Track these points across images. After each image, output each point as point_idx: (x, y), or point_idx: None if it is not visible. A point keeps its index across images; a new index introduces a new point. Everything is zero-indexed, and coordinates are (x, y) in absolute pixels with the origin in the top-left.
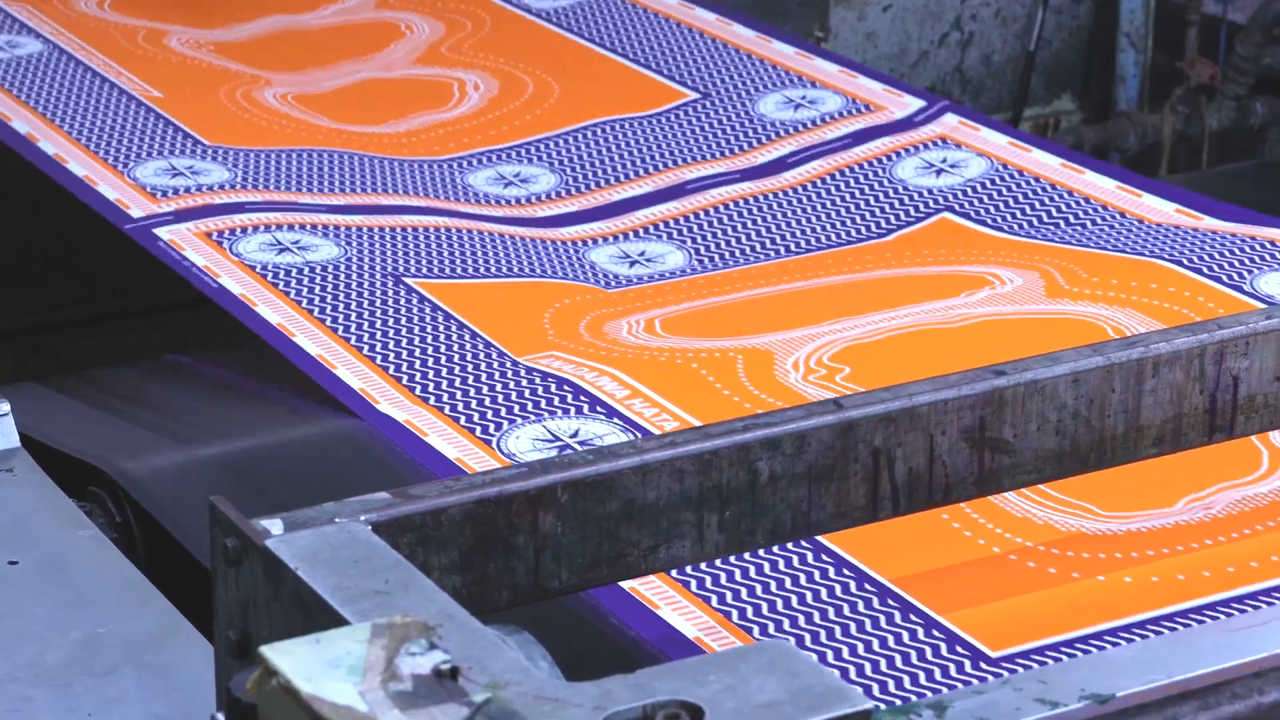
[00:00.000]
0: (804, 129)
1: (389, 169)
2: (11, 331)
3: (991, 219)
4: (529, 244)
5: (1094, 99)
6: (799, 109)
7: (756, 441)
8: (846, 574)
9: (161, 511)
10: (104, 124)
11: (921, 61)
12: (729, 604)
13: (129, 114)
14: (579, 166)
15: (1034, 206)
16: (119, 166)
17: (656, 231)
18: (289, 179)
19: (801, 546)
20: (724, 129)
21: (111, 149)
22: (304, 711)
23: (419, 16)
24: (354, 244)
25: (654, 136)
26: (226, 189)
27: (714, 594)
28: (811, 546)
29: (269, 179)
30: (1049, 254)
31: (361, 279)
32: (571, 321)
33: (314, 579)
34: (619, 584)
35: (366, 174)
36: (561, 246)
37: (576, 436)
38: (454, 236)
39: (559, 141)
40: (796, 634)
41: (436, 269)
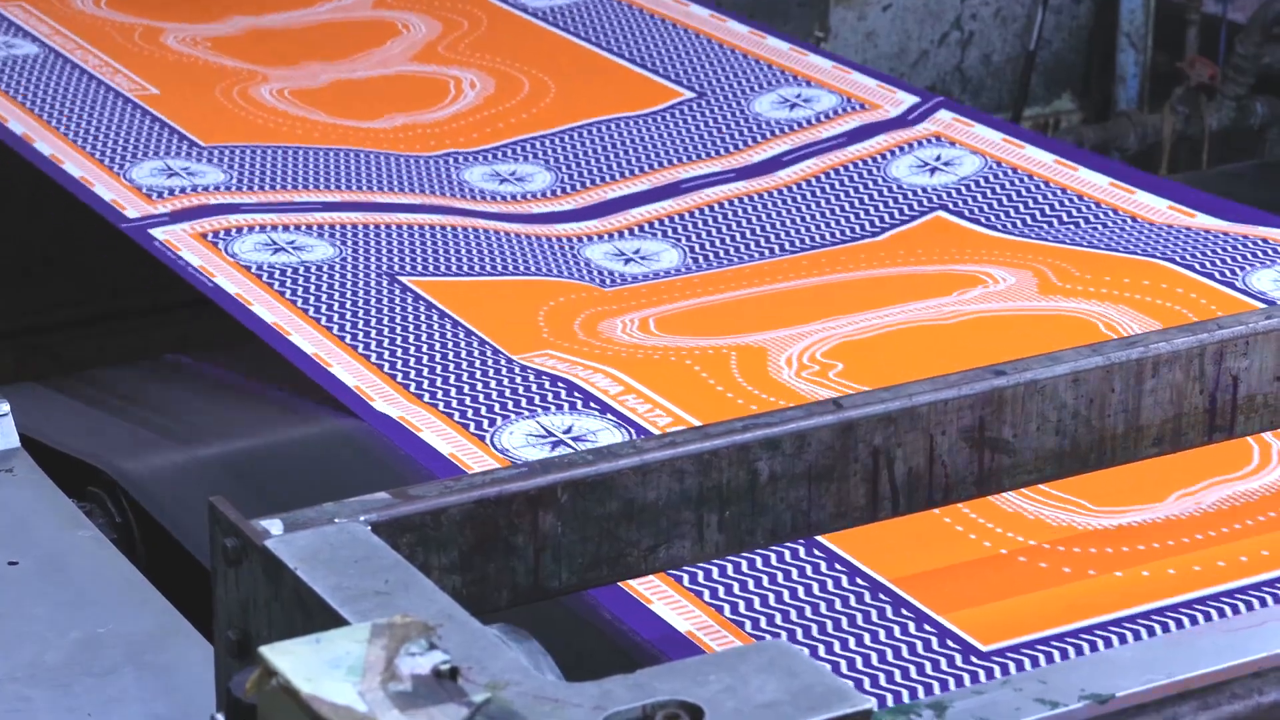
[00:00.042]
0: (799, 128)
1: (384, 165)
2: (11, 331)
3: (985, 217)
4: (524, 241)
5: (1094, 99)
6: (794, 108)
7: (756, 441)
8: (838, 569)
9: (161, 511)
10: (100, 126)
11: (921, 61)
12: (720, 599)
13: (125, 115)
14: (574, 165)
15: (1027, 204)
16: (115, 168)
17: (651, 230)
18: (284, 178)
19: (793, 542)
20: (719, 128)
21: (107, 151)
22: (304, 711)
23: (416, 16)
24: (349, 243)
25: (649, 136)
26: (222, 190)
27: (705, 588)
28: (803, 542)
29: (265, 179)
30: (1042, 253)
31: (357, 278)
32: (566, 320)
33: (314, 579)
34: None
35: (362, 171)
36: (556, 243)
37: (570, 432)
38: (448, 234)
39: (554, 140)
40: (787, 628)
41: (431, 267)
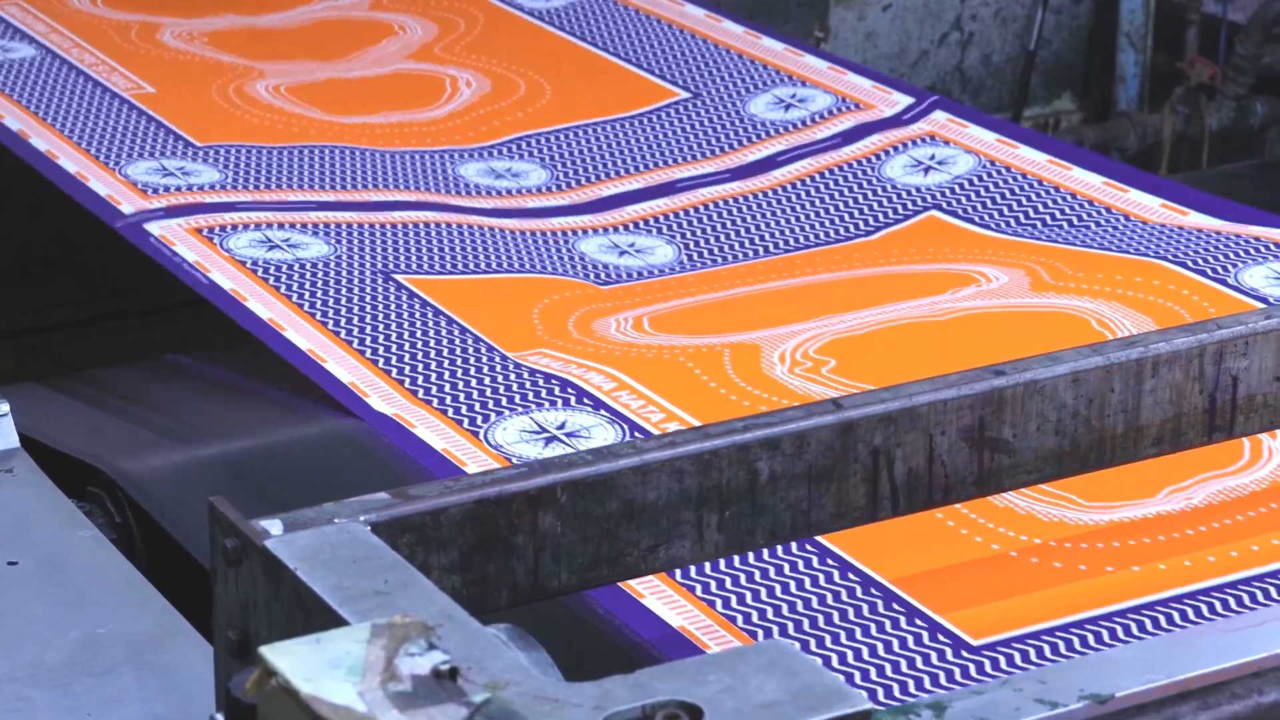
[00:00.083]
0: (794, 129)
1: (379, 163)
2: (11, 331)
3: (979, 217)
4: (519, 238)
5: (1094, 99)
6: (789, 109)
7: (756, 441)
8: (830, 564)
9: (161, 511)
10: (96, 125)
11: (921, 61)
12: (712, 594)
13: (121, 114)
14: (570, 163)
15: (1021, 204)
16: (110, 164)
17: (646, 227)
18: (280, 176)
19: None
20: (714, 128)
21: (103, 149)
22: (303, 712)
23: (412, 18)
24: (344, 241)
25: (645, 136)
26: (218, 189)
27: (698, 583)
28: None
29: (260, 178)
30: (1035, 252)
31: (352, 275)
32: (560, 318)
33: (313, 579)
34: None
35: (357, 169)
36: (551, 239)
37: (564, 428)
38: (443, 232)
39: (550, 138)
40: (780, 623)
41: (426, 265)
